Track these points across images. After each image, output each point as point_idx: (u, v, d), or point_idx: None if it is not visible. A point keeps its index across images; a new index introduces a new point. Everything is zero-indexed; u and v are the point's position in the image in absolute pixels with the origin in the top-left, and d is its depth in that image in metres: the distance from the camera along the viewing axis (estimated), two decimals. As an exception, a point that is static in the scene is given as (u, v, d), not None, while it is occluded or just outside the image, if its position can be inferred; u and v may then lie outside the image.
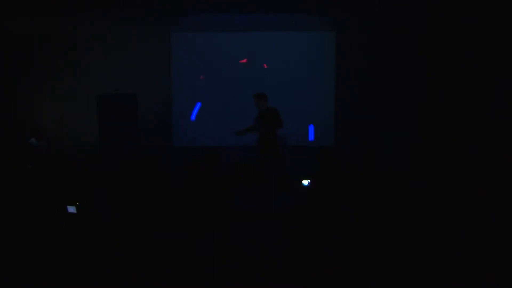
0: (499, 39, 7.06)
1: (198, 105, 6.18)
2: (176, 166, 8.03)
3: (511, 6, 6.48)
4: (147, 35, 8.39)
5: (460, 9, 6.92)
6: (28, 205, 5.51)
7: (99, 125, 7.96)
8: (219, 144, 8.12)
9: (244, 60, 8.36)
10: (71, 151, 8.11)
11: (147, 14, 7.79)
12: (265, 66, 8.33)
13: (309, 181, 6.14)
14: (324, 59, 8.51)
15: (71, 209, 4.75)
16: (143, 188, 6.39)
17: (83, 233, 4.81)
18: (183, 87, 8.51)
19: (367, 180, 6.65)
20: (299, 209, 5.68)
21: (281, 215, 5.45)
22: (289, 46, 8.46)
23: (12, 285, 3.71)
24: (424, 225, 4.87)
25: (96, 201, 5.67)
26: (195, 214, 5.49)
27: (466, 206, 5.42)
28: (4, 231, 4.78)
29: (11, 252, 4.28)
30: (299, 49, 8.48)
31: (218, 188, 6.34)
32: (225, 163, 7.30)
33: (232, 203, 5.89)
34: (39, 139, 7.35)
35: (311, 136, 6.30)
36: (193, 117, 6.24)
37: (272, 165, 6.31)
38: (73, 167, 7.58)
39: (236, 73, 8.48)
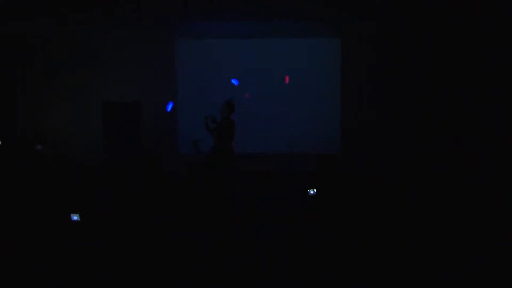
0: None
1: (171, 104, 6.32)
2: (179, 171, 7.95)
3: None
4: (151, 42, 8.39)
5: (468, 13, 6.85)
6: (31, 210, 5.50)
7: (104, 131, 8.05)
8: None
9: (247, 96, 8.37)
10: (76, 157, 8.09)
11: (152, 21, 7.78)
12: (247, 96, 8.34)
13: (314, 190, 6.01)
14: (330, 65, 8.39)
15: (75, 217, 4.68)
16: (145, 192, 6.39)
17: (86, 235, 4.81)
18: (188, 94, 8.44)
19: (373, 188, 6.55)
20: (299, 213, 5.66)
21: (281, 217, 5.45)
22: (295, 53, 8.38)
23: (12, 285, 3.72)
24: (435, 236, 4.79)
25: (99, 206, 5.66)
26: (195, 215, 5.50)
27: (482, 213, 5.32)
28: (5, 235, 4.77)
29: (11, 255, 4.28)
30: (305, 56, 8.39)
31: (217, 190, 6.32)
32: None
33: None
34: (43, 144, 7.32)
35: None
36: (168, 109, 6.33)
37: (224, 174, 6.21)
38: (77, 173, 7.53)
39: (241, 81, 8.30)
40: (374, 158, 7.87)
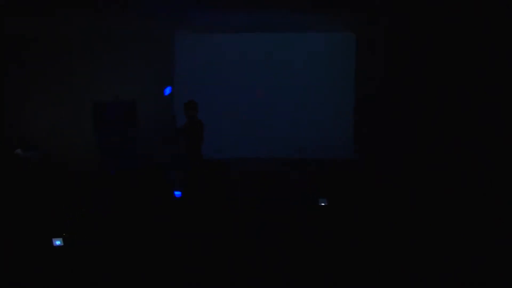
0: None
1: (169, 89, 6.04)
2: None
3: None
4: (148, 36, 7.79)
5: (468, 13, 6.75)
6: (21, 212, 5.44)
7: (95, 134, 7.48)
8: (229, 156, 7.39)
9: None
10: (65, 162, 7.45)
11: (148, 12, 7.31)
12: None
13: (325, 199, 5.70)
14: (342, 62, 7.74)
15: (57, 242, 4.30)
16: (145, 192, 6.35)
17: (86, 235, 4.81)
18: (188, 92, 7.45)
19: (372, 188, 6.43)
20: (299, 213, 5.65)
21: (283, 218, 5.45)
22: (305, 49, 7.72)
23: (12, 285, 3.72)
24: (435, 236, 4.74)
25: (98, 206, 5.63)
26: (195, 214, 5.50)
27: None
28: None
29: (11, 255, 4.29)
30: (315, 52, 7.73)
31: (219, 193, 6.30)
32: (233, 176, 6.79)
33: None
34: (26, 149, 6.86)
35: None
36: (166, 93, 6.05)
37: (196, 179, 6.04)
38: (66, 179, 7.05)
39: (247, 78, 7.74)
40: (375, 158, 7.82)
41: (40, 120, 7.83)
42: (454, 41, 7.67)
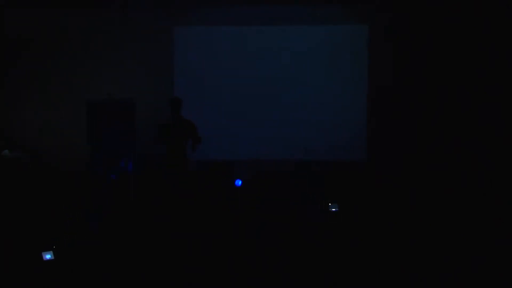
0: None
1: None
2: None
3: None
4: (146, 31, 7.43)
5: (468, 13, 6.67)
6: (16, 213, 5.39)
7: (88, 135, 7.16)
8: (232, 157, 7.11)
9: None
10: (56, 165, 7.16)
11: (146, 7, 6.96)
12: None
13: (336, 205, 5.39)
14: (354, 57, 7.30)
15: (47, 255, 4.01)
16: (145, 192, 6.31)
17: (86, 235, 4.82)
18: (188, 90, 7.18)
19: (389, 196, 6.18)
20: (299, 213, 5.64)
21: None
22: (313, 42, 7.26)
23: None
24: (435, 236, 4.72)
25: (99, 208, 5.61)
26: (195, 215, 5.50)
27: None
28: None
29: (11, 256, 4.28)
30: (325, 46, 7.28)
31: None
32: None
33: None
34: (13, 150, 6.63)
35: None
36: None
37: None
38: (59, 183, 6.71)
39: (252, 74, 7.32)
40: (375, 159, 7.80)
41: (36, 120, 7.57)
42: (454, 41, 7.68)
